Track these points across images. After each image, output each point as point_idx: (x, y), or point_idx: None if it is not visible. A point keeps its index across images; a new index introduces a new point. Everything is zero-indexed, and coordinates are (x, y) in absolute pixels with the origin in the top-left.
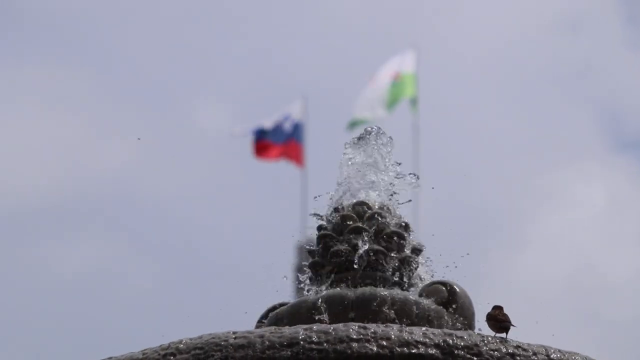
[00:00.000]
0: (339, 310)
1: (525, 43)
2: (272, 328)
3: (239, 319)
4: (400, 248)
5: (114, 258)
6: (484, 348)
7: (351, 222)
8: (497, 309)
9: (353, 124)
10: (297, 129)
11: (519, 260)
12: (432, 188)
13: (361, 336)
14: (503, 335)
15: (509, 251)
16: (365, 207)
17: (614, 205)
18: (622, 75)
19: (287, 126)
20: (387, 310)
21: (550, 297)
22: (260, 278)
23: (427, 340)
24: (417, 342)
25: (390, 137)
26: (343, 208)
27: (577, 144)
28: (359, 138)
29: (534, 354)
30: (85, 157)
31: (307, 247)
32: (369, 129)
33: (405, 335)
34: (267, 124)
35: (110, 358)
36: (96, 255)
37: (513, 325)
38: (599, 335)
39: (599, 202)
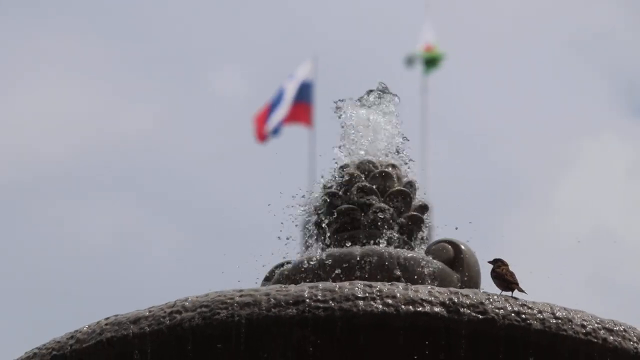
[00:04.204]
0: (345, 269)
1: (543, 10)
2: (278, 286)
3: (246, 277)
4: (406, 207)
5: (133, 221)
6: (490, 306)
7: (357, 180)
8: (500, 263)
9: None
10: (306, 89)
11: (535, 223)
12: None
13: (367, 294)
14: (509, 293)
15: (526, 214)
16: (371, 165)
17: (633, 170)
18: None
19: (295, 88)
20: (392, 269)
21: (566, 261)
22: (267, 237)
23: (433, 298)
24: (422, 300)
25: (397, 102)
26: (349, 166)
27: (597, 110)
28: (365, 96)
29: (540, 311)
30: (105, 123)
31: (313, 205)
32: (377, 88)
33: (411, 294)
34: (289, 86)
35: (117, 315)
36: (117, 218)
37: (523, 292)
38: (614, 300)
39: (618, 167)
